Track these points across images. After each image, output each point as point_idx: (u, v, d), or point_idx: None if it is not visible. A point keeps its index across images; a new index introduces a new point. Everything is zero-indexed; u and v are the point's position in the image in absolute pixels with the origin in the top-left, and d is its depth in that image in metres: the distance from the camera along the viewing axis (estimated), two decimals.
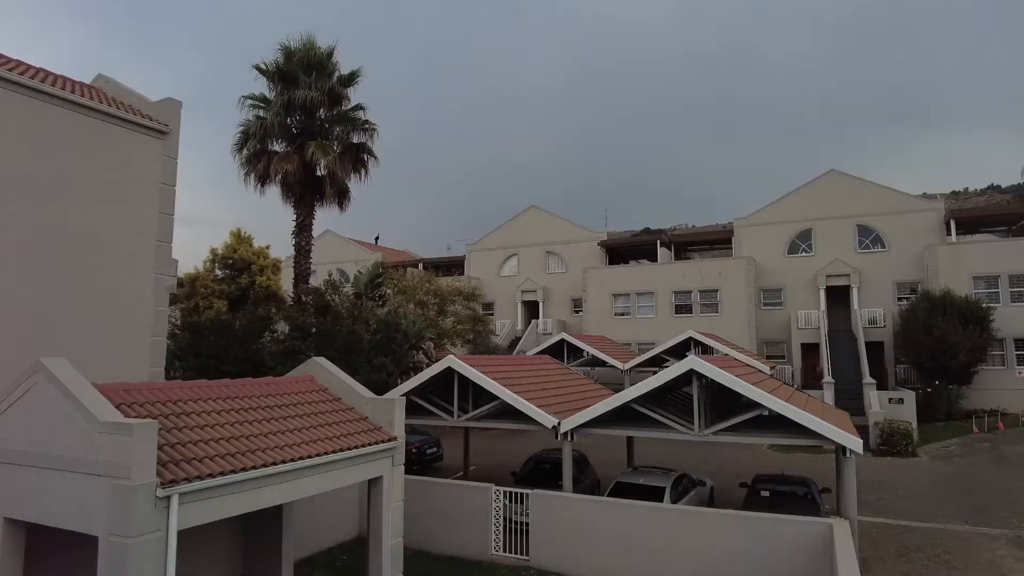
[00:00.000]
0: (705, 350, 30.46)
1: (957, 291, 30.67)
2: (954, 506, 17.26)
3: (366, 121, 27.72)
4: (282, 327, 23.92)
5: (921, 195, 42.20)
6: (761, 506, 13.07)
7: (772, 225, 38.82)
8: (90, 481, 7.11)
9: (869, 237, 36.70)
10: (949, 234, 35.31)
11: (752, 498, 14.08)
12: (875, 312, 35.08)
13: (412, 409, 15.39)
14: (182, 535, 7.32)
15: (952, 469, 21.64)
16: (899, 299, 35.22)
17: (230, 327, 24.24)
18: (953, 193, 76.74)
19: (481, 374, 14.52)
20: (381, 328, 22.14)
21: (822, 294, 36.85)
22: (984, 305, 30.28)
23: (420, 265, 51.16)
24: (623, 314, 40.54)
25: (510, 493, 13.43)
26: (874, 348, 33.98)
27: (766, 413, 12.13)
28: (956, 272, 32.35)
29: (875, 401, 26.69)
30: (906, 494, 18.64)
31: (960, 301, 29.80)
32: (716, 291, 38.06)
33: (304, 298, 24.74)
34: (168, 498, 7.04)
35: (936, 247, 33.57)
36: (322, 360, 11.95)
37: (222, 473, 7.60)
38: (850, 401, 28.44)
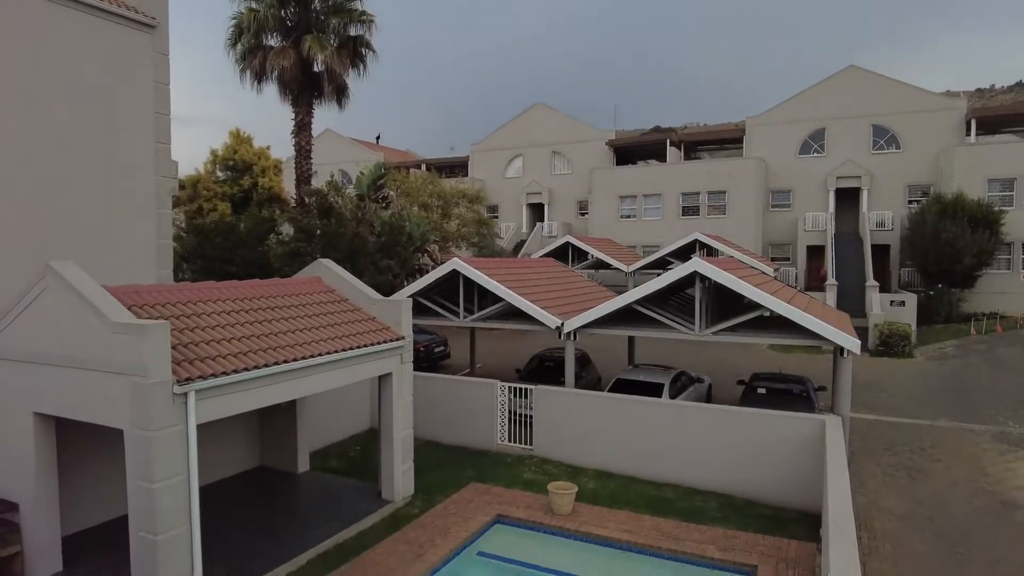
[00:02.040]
0: (710, 252, 30.47)
1: (970, 194, 30.12)
2: (944, 405, 17.85)
3: (363, 12, 26.33)
4: (287, 229, 23.91)
5: (944, 93, 40.48)
6: (757, 403, 13.52)
7: (785, 124, 37.61)
8: (109, 379, 7.38)
9: (884, 137, 35.62)
10: (969, 134, 34.20)
11: (749, 395, 14.56)
12: (884, 215, 34.69)
13: (419, 310, 15.66)
14: (201, 428, 7.68)
15: (946, 370, 22.19)
16: (909, 202, 34.70)
17: (235, 229, 24.27)
18: (978, 91, 73.64)
19: (486, 276, 14.64)
20: (385, 231, 22.10)
21: (831, 196, 36.31)
22: (996, 208, 29.83)
23: (423, 166, 50.25)
24: (629, 216, 40.21)
25: (515, 388, 13.93)
26: (880, 251, 33.91)
27: (767, 314, 12.30)
28: (971, 174, 31.61)
29: (876, 304, 26.96)
30: (899, 393, 19.23)
31: (972, 204, 29.34)
32: (724, 192, 37.51)
33: (307, 200, 24.55)
34: (185, 395, 7.33)
35: (953, 148, 32.62)
36: (328, 262, 12.03)
37: (235, 371, 7.85)
38: (852, 303, 28.74)
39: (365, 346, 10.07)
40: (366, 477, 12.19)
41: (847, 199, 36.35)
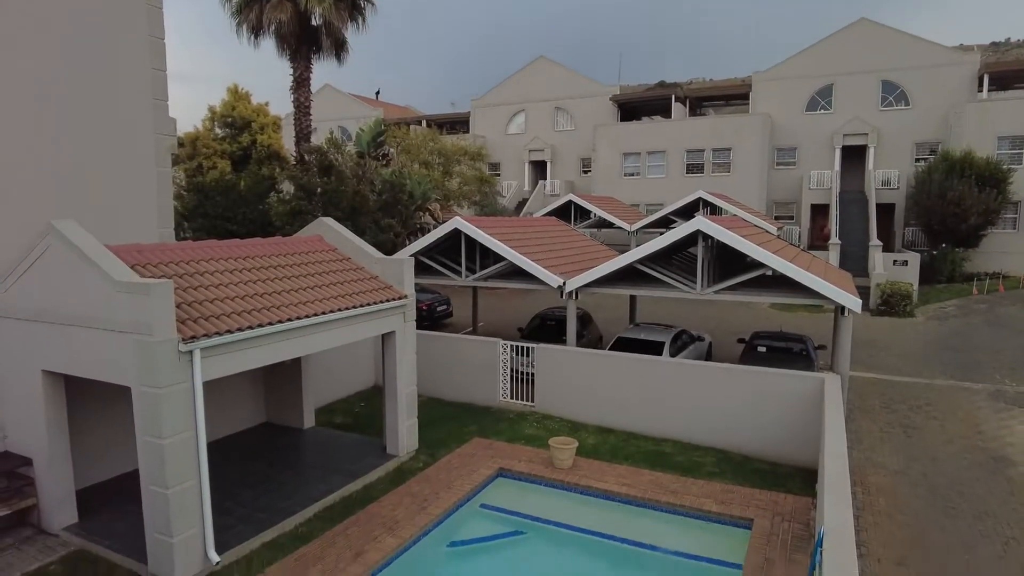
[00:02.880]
0: (714, 210, 30.28)
1: (979, 152, 29.71)
2: (943, 363, 17.99)
3: None
4: (287, 187, 23.75)
5: (957, 47, 39.48)
6: (757, 361, 13.65)
7: (792, 80, 36.87)
8: (115, 337, 7.45)
9: (893, 94, 34.94)
10: (981, 90, 33.53)
11: (749, 353, 14.68)
12: (890, 173, 34.32)
13: (421, 269, 15.68)
14: (208, 385, 7.80)
15: (946, 329, 22.29)
16: (917, 160, 34.28)
17: (235, 188, 24.11)
18: (993, 44, 71.76)
19: (488, 235, 14.60)
20: (386, 189, 21.94)
21: (837, 154, 35.86)
22: (1005, 167, 29.47)
23: (423, 123, 49.56)
24: (633, 174, 39.82)
25: (517, 347, 14.05)
26: (885, 210, 33.68)
27: (769, 273, 12.30)
28: (981, 132, 31.13)
29: (879, 263, 26.92)
30: (898, 352, 19.37)
31: (980, 162, 28.98)
32: (729, 150, 37.05)
33: (307, 157, 24.30)
34: (190, 352, 7.41)
35: (963, 105, 32.03)
36: (329, 220, 11.99)
37: (239, 329, 7.92)
38: (855, 263, 28.71)
39: (368, 305, 10.12)
40: (371, 433, 12.42)
41: (853, 157, 35.91)
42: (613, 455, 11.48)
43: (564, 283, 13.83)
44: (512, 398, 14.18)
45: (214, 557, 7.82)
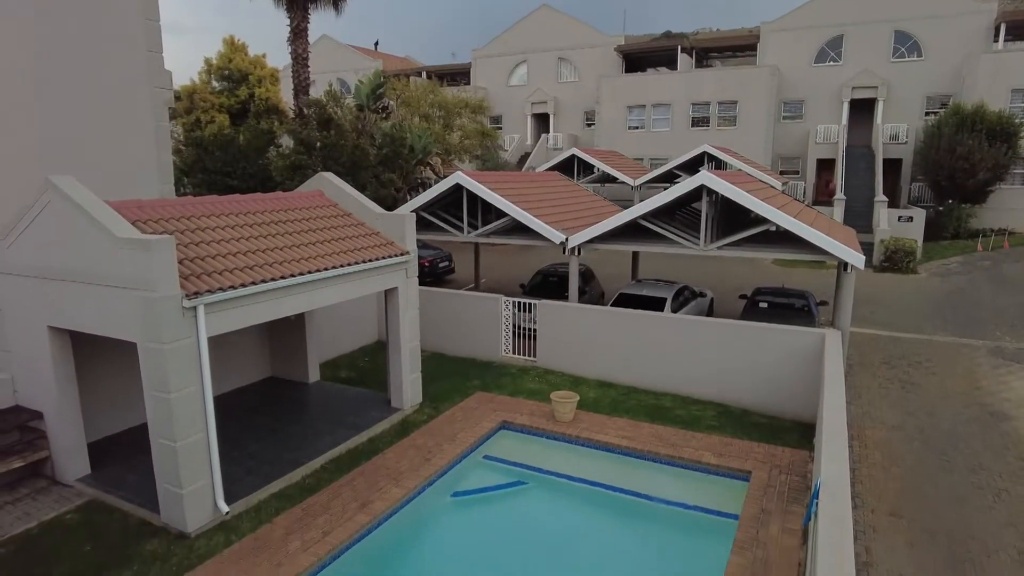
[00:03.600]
0: (719, 165, 29.92)
1: (992, 106, 29.09)
2: (943, 320, 18.04)
3: None
4: (286, 141, 23.44)
5: None
6: (759, 317, 13.69)
7: (802, 30, 35.86)
8: (118, 293, 7.48)
9: (906, 44, 34.00)
10: (996, 40, 32.59)
11: (750, 309, 14.71)
12: (898, 128, 33.69)
13: (422, 225, 15.61)
14: (213, 340, 7.86)
15: (949, 286, 22.27)
16: (927, 114, 33.60)
17: (234, 142, 23.81)
18: None
19: (490, 191, 14.47)
20: (386, 143, 21.64)
21: (845, 107, 35.16)
22: (1017, 121, 28.90)
23: (423, 74, 48.53)
24: (637, 127, 39.19)
25: (519, 303, 14.10)
26: (892, 165, 33.21)
27: (773, 229, 12.22)
28: (995, 84, 30.41)
29: (884, 219, 26.71)
30: (900, 308, 19.41)
31: (992, 116, 28.40)
32: (735, 103, 36.33)
33: (306, 111, 23.90)
34: (194, 308, 7.44)
35: (978, 56, 31.18)
36: (330, 175, 11.87)
37: (243, 285, 7.94)
38: (860, 218, 28.50)
39: (370, 261, 10.11)
40: (375, 386, 12.58)
41: (861, 111, 35.24)
42: (613, 409, 11.65)
43: (566, 239, 13.77)
44: (514, 353, 14.30)
45: (223, 507, 8.04)
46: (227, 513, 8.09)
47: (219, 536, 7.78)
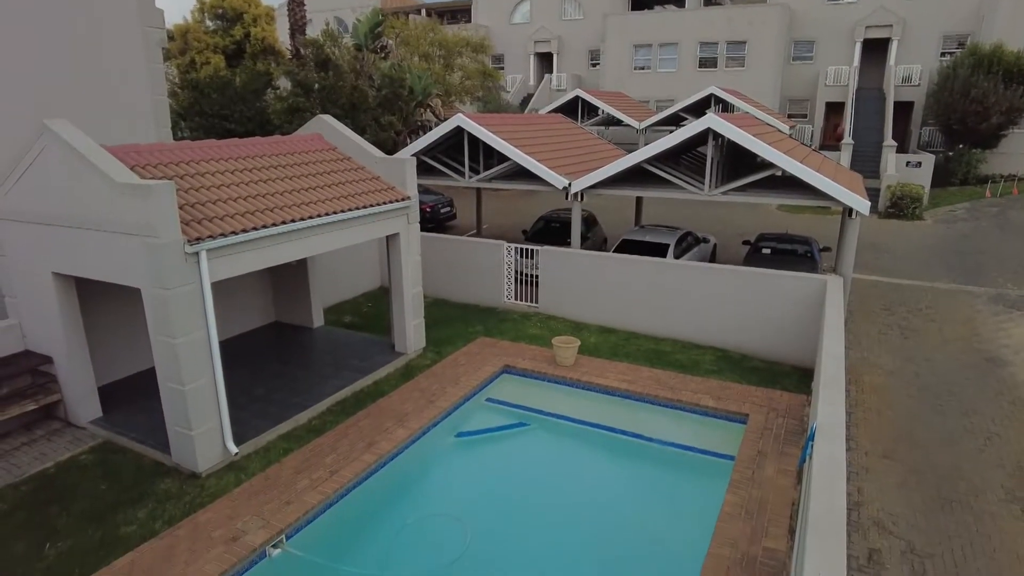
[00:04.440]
0: (725, 108, 29.28)
1: (1011, 46, 28.16)
2: (946, 267, 18.01)
3: None
4: (284, 83, 22.92)
5: None
6: (761, 263, 13.67)
7: None
8: (120, 239, 7.47)
9: None
10: None
11: (753, 255, 14.68)
12: (911, 69, 32.75)
13: (423, 170, 15.42)
14: (216, 285, 7.90)
15: (954, 233, 22.13)
16: (942, 54, 32.59)
17: (231, 84, 23.30)
18: None
19: (491, 134, 14.23)
20: (385, 84, 21.14)
21: (857, 47, 34.09)
22: None
23: (423, 12, 46.99)
24: (643, 68, 38.16)
25: (521, 249, 14.07)
26: (902, 109, 32.44)
27: (779, 174, 12.06)
28: (1016, 24, 29.28)
29: (892, 164, 26.30)
30: (903, 255, 19.35)
31: (1010, 56, 27.53)
32: (744, 43, 35.24)
33: (302, 51, 23.27)
34: (197, 254, 7.44)
35: None
36: (328, 118, 11.66)
37: (244, 231, 7.91)
38: (867, 164, 28.06)
39: (371, 206, 10.04)
40: (379, 332, 12.71)
41: (874, 52, 34.18)
42: (614, 353, 11.79)
43: (569, 184, 13.62)
44: (516, 299, 14.38)
45: (232, 448, 8.26)
46: (236, 454, 8.32)
47: (229, 476, 8.03)
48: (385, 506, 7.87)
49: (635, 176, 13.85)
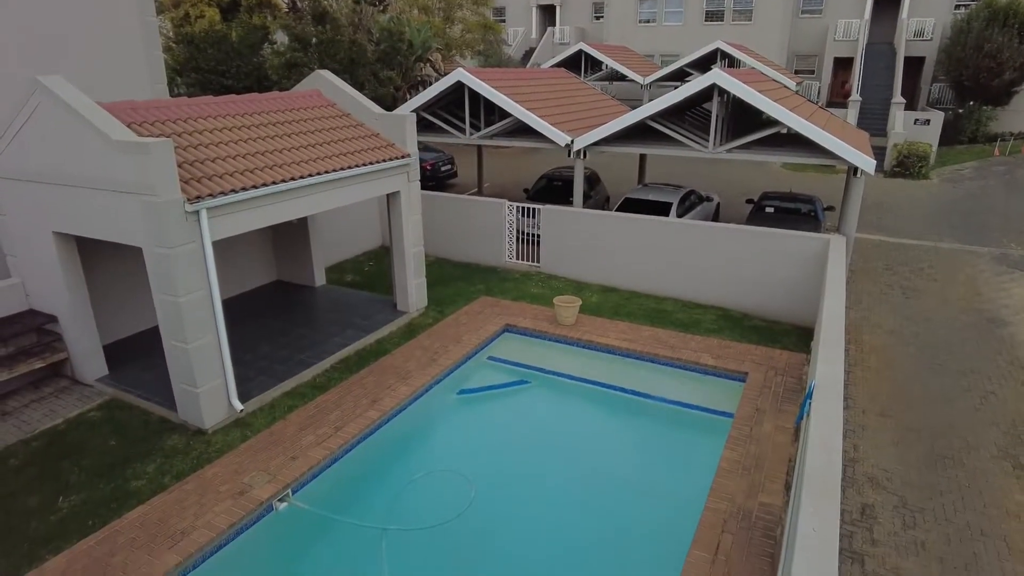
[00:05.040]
0: (731, 63, 28.68)
1: None
2: (951, 227, 17.90)
3: None
4: (281, 38, 22.44)
5: None
6: (765, 221, 13.60)
7: None
8: (120, 198, 7.42)
9: None
10: None
11: (756, 213, 14.60)
12: (924, 23, 31.87)
13: (423, 126, 15.21)
14: (218, 244, 7.89)
15: (960, 192, 21.91)
16: (956, 7, 31.66)
17: (227, 39, 22.80)
18: None
19: (493, 89, 13.98)
20: (384, 38, 20.68)
21: (869, 0, 33.14)
22: None
23: None
24: (648, 21, 37.22)
25: (523, 208, 13.98)
26: (913, 64, 31.73)
27: (784, 131, 11.89)
28: None
29: (899, 122, 25.87)
30: (908, 214, 19.21)
31: None
32: None
33: (299, 4, 22.70)
34: (197, 213, 7.41)
35: None
36: (327, 73, 11.43)
37: (244, 189, 7.85)
38: (875, 121, 27.62)
39: (371, 164, 9.94)
40: (381, 291, 12.75)
41: (886, 5, 33.20)
42: (615, 312, 11.83)
43: (572, 141, 13.45)
44: (518, 259, 14.35)
45: (238, 405, 8.38)
46: (241, 411, 8.45)
47: (235, 432, 8.17)
48: (389, 461, 8.03)
49: (639, 133, 13.66)
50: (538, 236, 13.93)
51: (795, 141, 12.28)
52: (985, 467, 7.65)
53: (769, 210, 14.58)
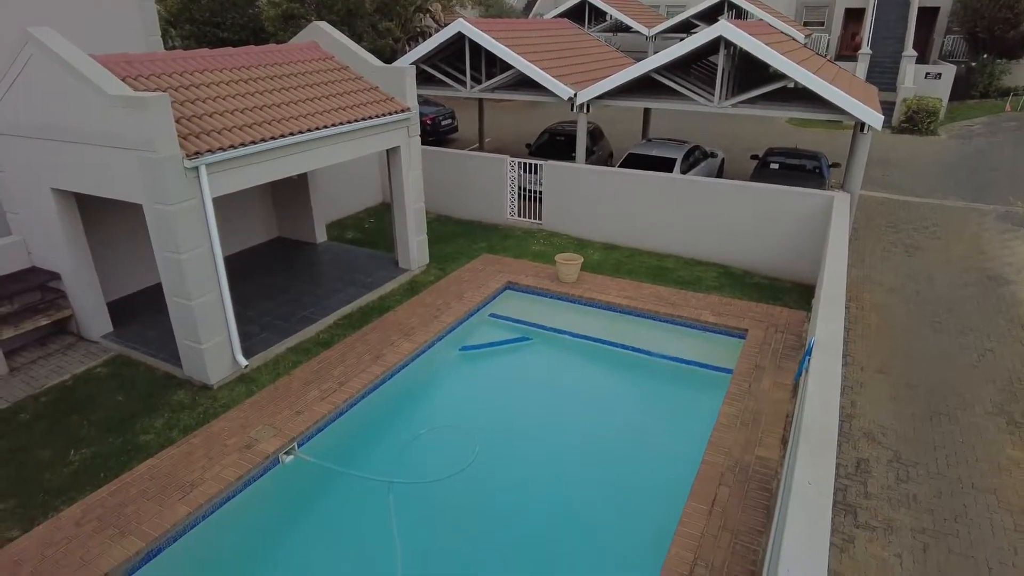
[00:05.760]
0: (739, 14, 27.92)
1: None
2: (957, 184, 17.70)
3: None
4: None
5: None
6: (769, 178, 13.46)
7: None
8: (117, 154, 7.34)
9: None
10: None
11: (761, 170, 14.44)
12: None
13: (423, 79, 14.93)
14: (218, 201, 7.84)
15: (969, 148, 21.59)
16: None
17: None
18: None
19: (494, 40, 13.66)
20: None
21: None
22: None
23: None
24: None
25: (525, 164, 13.83)
26: (927, 15, 30.80)
27: (791, 85, 11.66)
28: None
29: (910, 76, 25.29)
30: (914, 171, 18.98)
31: None
32: None
33: None
34: (196, 169, 7.34)
35: None
36: (324, 25, 11.15)
37: (243, 144, 7.76)
38: (884, 75, 27.00)
39: (371, 118, 9.79)
40: (382, 247, 12.73)
41: None
42: (616, 270, 11.83)
43: (575, 95, 13.21)
44: (520, 216, 14.27)
45: (242, 361, 8.47)
46: (246, 367, 8.54)
47: (240, 387, 8.28)
48: (393, 416, 8.17)
49: (644, 86, 13.40)
50: (540, 193, 13.82)
51: (802, 96, 12.06)
52: (979, 423, 7.76)
53: (774, 166, 14.42)
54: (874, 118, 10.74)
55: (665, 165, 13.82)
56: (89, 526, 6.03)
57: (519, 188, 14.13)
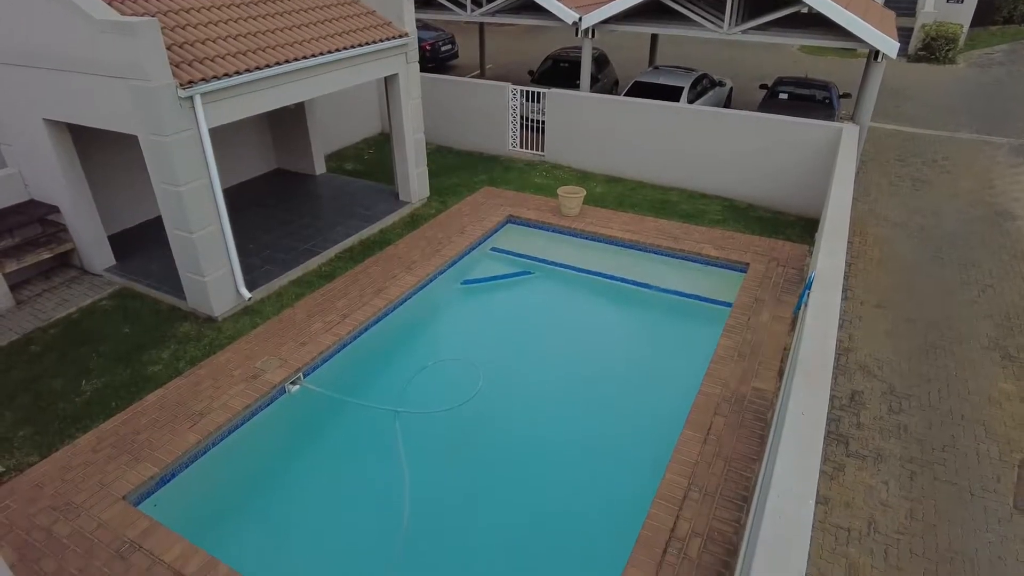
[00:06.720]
0: None
1: None
2: (971, 115, 17.25)
3: None
4: None
5: None
6: (777, 108, 13.14)
7: None
8: (109, 83, 7.14)
9: None
10: None
11: (769, 100, 14.08)
12: None
13: (421, 2, 14.36)
14: (215, 132, 7.69)
15: (986, 78, 20.91)
16: None
17: None
18: None
19: None
20: None
21: None
22: None
23: None
24: None
25: (527, 92, 13.47)
26: None
27: (804, 11, 11.19)
28: None
29: (931, 0, 24.25)
30: (928, 102, 18.47)
31: None
32: None
33: None
34: (191, 98, 7.16)
35: None
36: None
37: (237, 72, 7.54)
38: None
39: (368, 44, 9.46)
40: (382, 179, 12.58)
41: None
42: (619, 204, 11.73)
43: (580, 19, 12.71)
44: (522, 147, 14.02)
45: (245, 293, 8.53)
46: (249, 299, 8.62)
47: (244, 319, 8.38)
48: (396, 348, 8.31)
49: (651, 11, 12.87)
50: (543, 123, 13.52)
51: (815, 22, 11.59)
52: (974, 357, 7.87)
53: (783, 96, 14.04)
54: (889, 45, 10.36)
55: (672, 94, 13.46)
56: (104, 452, 6.25)
57: (521, 118, 13.82)
